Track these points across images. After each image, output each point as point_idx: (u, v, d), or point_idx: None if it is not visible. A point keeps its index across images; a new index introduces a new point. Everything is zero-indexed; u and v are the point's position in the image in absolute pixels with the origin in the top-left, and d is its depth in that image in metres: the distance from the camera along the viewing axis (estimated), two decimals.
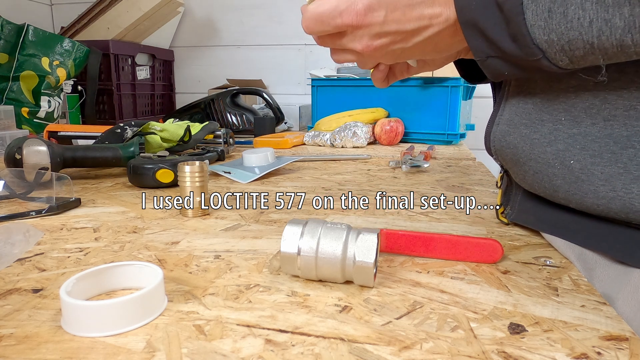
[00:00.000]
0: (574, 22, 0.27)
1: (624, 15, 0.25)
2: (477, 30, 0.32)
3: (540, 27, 0.28)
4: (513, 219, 0.43)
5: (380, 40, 0.36)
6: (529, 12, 0.29)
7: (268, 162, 0.73)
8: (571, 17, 0.27)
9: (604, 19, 0.26)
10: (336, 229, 0.30)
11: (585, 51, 0.28)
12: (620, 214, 0.31)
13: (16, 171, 0.56)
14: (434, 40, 0.36)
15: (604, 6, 0.26)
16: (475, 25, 0.32)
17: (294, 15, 1.59)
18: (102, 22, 1.36)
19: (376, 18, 0.35)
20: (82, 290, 0.28)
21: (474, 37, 0.33)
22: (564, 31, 0.28)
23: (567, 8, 0.27)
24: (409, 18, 0.35)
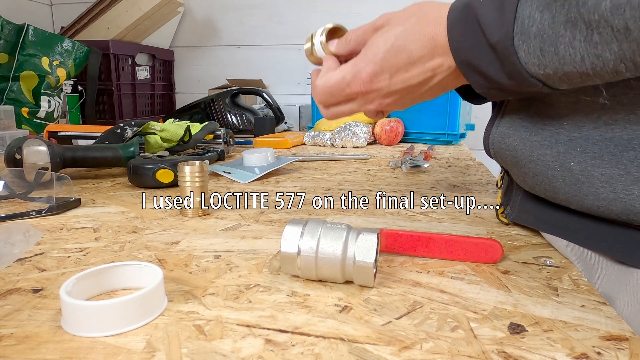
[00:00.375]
0: (566, 58, 0.28)
1: (613, 50, 0.26)
2: (473, 69, 0.33)
3: (535, 64, 0.29)
4: (513, 219, 0.43)
5: (390, 98, 0.39)
6: (521, 51, 0.29)
7: (268, 162, 0.73)
8: (563, 54, 0.28)
9: (595, 54, 0.26)
10: (336, 229, 0.30)
11: (582, 79, 0.29)
12: (621, 216, 0.31)
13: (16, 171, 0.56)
14: (441, 85, 0.37)
15: (592, 44, 0.26)
16: (470, 64, 0.33)
17: (294, 15, 1.59)
18: (102, 22, 1.36)
19: (382, 82, 0.37)
20: (82, 290, 0.28)
21: (472, 75, 0.34)
22: (558, 66, 0.28)
23: (557, 47, 0.28)
24: (412, 74, 0.36)
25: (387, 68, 0.36)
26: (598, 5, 0.25)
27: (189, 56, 1.72)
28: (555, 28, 0.27)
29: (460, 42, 0.33)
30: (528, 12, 0.29)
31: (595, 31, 0.26)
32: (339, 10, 1.56)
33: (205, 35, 1.69)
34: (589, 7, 0.25)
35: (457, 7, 0.34)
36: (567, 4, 0.26)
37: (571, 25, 0.26)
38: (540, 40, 0.28)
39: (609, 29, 0.25)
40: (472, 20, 0.32)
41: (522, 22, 0.29)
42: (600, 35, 0.25)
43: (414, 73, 0.36)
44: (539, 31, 0.28)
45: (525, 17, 0.29)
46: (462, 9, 0.33)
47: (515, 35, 0.29)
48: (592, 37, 0.26)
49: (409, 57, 0.36)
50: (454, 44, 0.34)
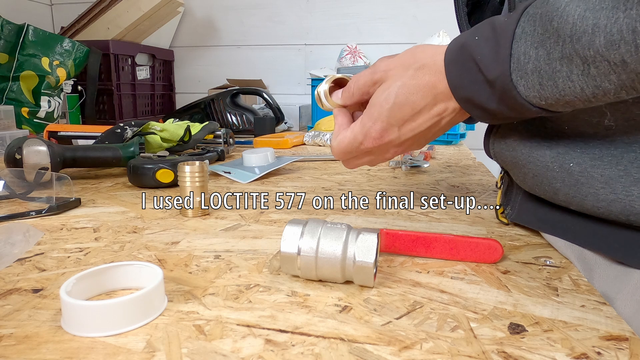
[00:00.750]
0: (566, 90, 0.28)
1: (612, 81, 0.26)
2: (474, 105, 0.34)
3: (536, 96, 0.30)
4: (513, 219, 0.43)
5: (403, 146, 0.41)
6: (520, 86, 0.30)
7: (268, 162, 0.73)
8: (562, 87, 0.28)
9: (594, 85, 0.27)
10: (336, 229, 0.30)
11: (585, 104, 0.29)
12: (621, 216, 0.31)
13: (16, 171, 0.56)
14: (450, 123, 0.38)
15: (590, 77, 0.26)
16: (470, 100, 0.34)
17: (294, 15, 1.59)
18: (102, 22, 1.36)
19: (392, 135, 0.39)
20: (82, 290, 0.28)
21: (474, 110, 0.35)
22: (559, 97, 0.29)
23: (555, 81, 0.28)
24: (419, 123, 0.38)
25: (394, 122, 0.38)
26: (592, 41, 0.25)
27: (189, 56, 1.72)
28: (551, 64, 0.28)
29: (458, 80, 0.34)
30: (523, 49, 0.29)
31: (592, 65, 0.26)
32: (339, 10, 1.56)
33: (205, 35, 1.69)
34: (584, 44, 0.25)
35: (452, 49, 0.34)
36: (561, 41, 0.27)
37: (567, 60, 0.27)
38: (538, 76, 0.29)
39: (605, 63, 0.25)
40: (469, 59, 0.32)
41: (518, 59, 0.29)
42: (598, 69, 0.26)
43: (420, 121, 0.37)
44: (535, 67, 0.29)
45: (521, 54, 0.29)
46: (457, 49, 0.34)
47: (513, 72, 0.30)
48: (590, 70, 0.26)
49: (412, 108, 0.37)
50: (453, 83, 0.34)
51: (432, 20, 1.48)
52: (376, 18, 1.53)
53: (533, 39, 0.29)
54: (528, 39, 0.29)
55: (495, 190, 0.61)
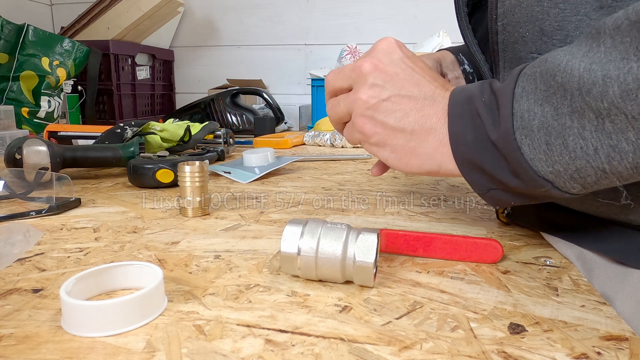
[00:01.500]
0: (577, 151, 0.25)
1: (630, 140, 0.23)
2: (474, 167, 0.31)
3: (542, 159, 0.27)
4: (514, 219, 0.43)
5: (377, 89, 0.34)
6: (524, 146, 0.27)
7: (268, 162, 0.73)
8: (573, 147, 0.25)
9: (609, 145, 0.24)
10: (336, 229, 0.30)
11: (597, 177, 0.26)
12: (620, 216, 0.31)
13: (16, 171, 0.56)
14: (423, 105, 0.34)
15: (605, 133, 0.24)
16: (471, 162, 0.31)
17: (294, 15, 1.59)
18: (102, 22, 1.36)
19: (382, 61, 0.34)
20: (82, 290, 0.28)
21: (471, 173, 0.32)
22: (568, 161, 0.26)
23: (565, 139, 0.25)
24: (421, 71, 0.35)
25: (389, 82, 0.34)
26: (605, 92, 0.23)
27: (189, 56, 1.72)
28: (560, 120, 0.25)
29: (462, 137, 0.31)
30: (526, 106, 0.27)
31: (607, 119, 0.23)
32: (339, 10, 1.56)
33: (205, 35, 1.69)
34: (595, 96, 0.23)
35: (458, 100, 0.32)
36: (570, 95, 0.24)
37: (578, 115, 0.24)
38: (545, 134, 0.26)
39: (622, 116, 0.23)
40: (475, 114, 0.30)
41: (522, 117, 0.27)
42: (614, 124, 0.23)
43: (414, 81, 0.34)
44: (542, 124, 0.26)
45: (524, 111, 0.27)
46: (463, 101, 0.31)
47: (516, 130, 0.27)
48: (604, 126, 0.24)
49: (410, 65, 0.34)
50: (454, 140, 0.31)
51: (432, 20, 1.48)
52: (376, 18, 1.53)
53: (536, 96, 0.26)
54: (530, 96, 0.27)
55: None
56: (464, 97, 0.32)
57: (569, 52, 0.25)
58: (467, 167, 0.32)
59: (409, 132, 0.34)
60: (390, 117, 0.34)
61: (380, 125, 0.34)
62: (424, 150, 0.33)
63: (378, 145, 0.35)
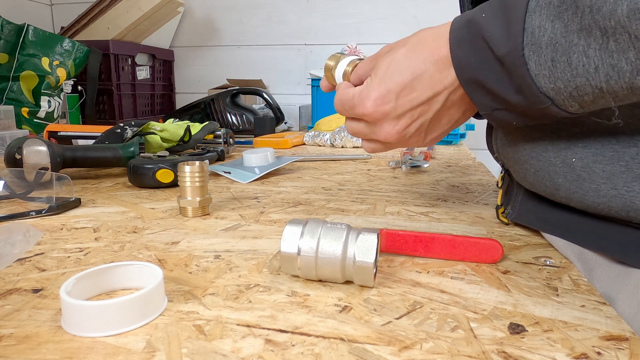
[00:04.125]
0: (579, 69, 0.26)
1: (630, 60, 0.24)
2: (479, 87, 0.32)
3: (545, 75, 0.28)
4: (514, 218, 0.43)
5: (399, 122, 0.37)
6: (531, 62, 0.28)
7: (268, 162, 0.73)
8: (576, 65, 0.26)
9: (610, 64, 0.25)
10: (336, 229, 0.30)
11: (594, 95, 0.27)
12: (621, 213, 0.31)
13: (16, 171, 0.56)
14: (448, 107, 0.36)
15: (608, 52, 0.25)
16: (476, 82, 0.32)
17: (294, 15, 1.59)
18: (102, 22, 1.36)
19: (389, 104, 0.36)
20: (82, 290, 0.28)
21: (477, 94, 0.33)
22: (570, 78, 0.27)
23: (570, 56, 0.26)
24: (420, 90, 0.35)
25: (392, 87, 0.36)
26: (614, 10, 0.23)
27: (189, 56, 1.72)
28: (568, 37, 0.26)
29: (464, 60, 0.32)
30: (538, 22, 0.27)
31: (611, 38, 0.24)
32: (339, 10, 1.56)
33: (205, 35, 1.69)
34: (604, 14, 0.24)
35: (458, 26, 0.33)
36: (580, 12, 0.25)
37: (585, 33, 0.25)
38: (552, 50, 0.27)
39: (626, 35, 0.24)
40: (477, 37, 0.31)
41: (532, 33, 0.28)
42: (617, 43, 0.24)
43: (420, 89, 0.35)
44: (550, 40, 0.27)
45: (535, 27, 0.27)
46: (463, 26, 0.32)
47: (525, 46, 0.28)
48: (608, 44, 0.24)
49: (412, 72, 0.35)
50: (457, 63, 0.33)
51: (432, 20, 1.48)
52: (376, 18, 1.53)
53: (549, 11, 0.27)
54: (543, 11, 0.27)
55: (496, 190, 0.61)
56: (464, 22, 0.32)
57: None
58: (472, 89, 0.33)
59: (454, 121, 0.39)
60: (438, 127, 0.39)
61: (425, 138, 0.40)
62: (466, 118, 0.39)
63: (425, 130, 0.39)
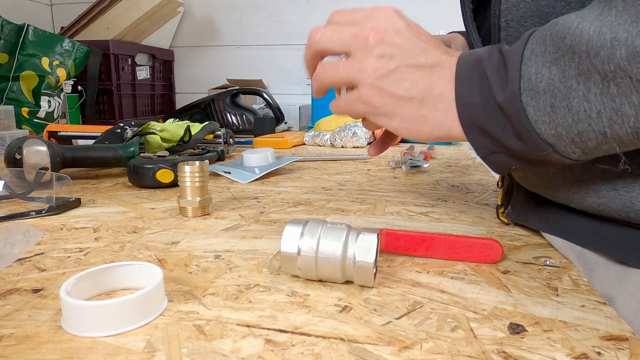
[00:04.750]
0: (580, 114, 0.26)
1: (633, 103, 0.24)
2: (479, 130, 0.32)
3: (545, 122, 0.27)
4: (514, 218, 0.43)
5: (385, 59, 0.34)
6: (530, 108, 0.28)
7: (268, 162, 0.73)
8: (576, 110, 0.26)
9: (613, 108, 0.24)
10: (336, 229, 0.30)
11: (598, 141, 0.26)
12: (621, 213, 0.31)
13: (16, 171, 0.56)
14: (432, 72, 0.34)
15: (610, 96, 0.24)
16: (476, 124, 0.31)
17: (294, 15, 1.59)
18: (102, 22, 1.36)
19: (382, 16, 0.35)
20: (82, 290, 0.28)
21: (475, 135, 0.32)
22: (571, 124, 0.26)
23: (570, 102, 0.26)
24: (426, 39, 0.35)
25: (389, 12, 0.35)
26: (612, 55, 0.23)
27: (189, 56, 1.72)
28: (566, 82, 0.26)
29: (467, 99, 0.31)
30: (534, 69, 0.27)
31: (612, 82, 0.24)
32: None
33: (205, 35, 1.69)
34: (603, 58, 0.24)
35: (466, 62, 0.32)
36: (577, 57, 0.25)
37: (584, 77, 0.25)
38: (551, 96, 0.26)
39: (627, 79, 0.23)
40: (483, 77, 0.30)
41: (529, 79, 0.27)
42: (618, 87, 0.24)
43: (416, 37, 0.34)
44: (549, 86, 0.26)
45: (532, 73, 0.27)
46: (471, 64, 0.32)
47: (523, 92, 0.28)
48: (609, 89, 0.24)
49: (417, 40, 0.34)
50: (460, 100, 0.32)
51: (432, 20, 1.48)
52: None
53: (545, 58, 0.27)
54: (539, 58, 0.27)
55: (496, 190, 0.61)
56: (472, 60, 0.32)
57: (580, 16, 0.26)
58: (471, 130, 0.32)
59: (418, 101, 0.34)
60: (400, 87, 0.34)
61: (389, 95, 0.34)
62: (434, 118, 0.34)
63: (387, 115, 0.35)
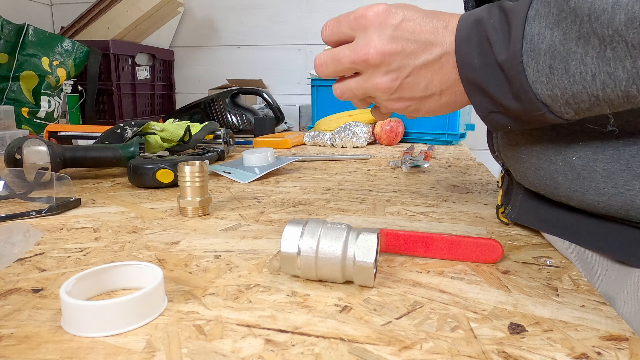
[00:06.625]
0: (576, 76, 0.27)
1: (626, 68, 0.25)
2: (478, 89, 0.33)
3: (542, 82, 0.28)
4: (514, 218, 0.43)
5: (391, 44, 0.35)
6: (529, 69, 0.28)
7: (268, 162, 0.73)
8: (573, 72, 0.27)
9: (607, 72, 0.25)
10: (336, 229, 0.30)
11: (590, 103, 0.27)
12: (621, 212, 0.31)
13: (16, 171, 0.56)
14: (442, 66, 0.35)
15: (605, 60, 0.25)
16: (476, 84, 0.33)
17: (294, 15, 1.59)
18: (102, 22, 1.36)
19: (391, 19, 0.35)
20: (82, 290, 0.28)
21: (475, 94, 0.33)
22: (567, 85, 0.27)
23: (567, 64, 0.27)
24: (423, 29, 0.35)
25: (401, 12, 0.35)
26: (612, 19, 0.24)
27: (189, 56, 1.72)
28: (566, 44, 0.26)
29: (468, 60, 0.32)
30: (537, 30, 0.28)
31: (609, 47, 0.25)
32: (339, 10, 1.56)
33: (205, 35, 1.69)
34: (603, 22, 0.24)
35: (465, 24, 0.33)
36: (579, 20, 0.26)
37: (584, 41, 0.26)
38: (550, 57, 0.27)
39: (623, 43, 0.24)
40: (483, 38, 0.31)
41: (531, 40, 0.28)
42: (614, 51, 0.25)
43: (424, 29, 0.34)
44: (549, 48, 0.27)
45: (535, 34, 0.28)
46: (471, 25, 0.32)
47: (524, 52, 0.28)
48: (606, 53, 0.25)
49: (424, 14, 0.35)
50: (461, 61, 0.33)
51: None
52: None
53: (548, 19, 0.27)
54: (542, 20, 0.28)
55: (496, 190, 0.61)
56: (472, 21, 0.33)
57: None
58: (472, 89, 0.33)
59: (437, 94, 0.37)
60: (417, 90, 0.37)
61: (409, 99, 0.38)
62: (455, 100, 0.37)
63: (413, 112, 0.39)
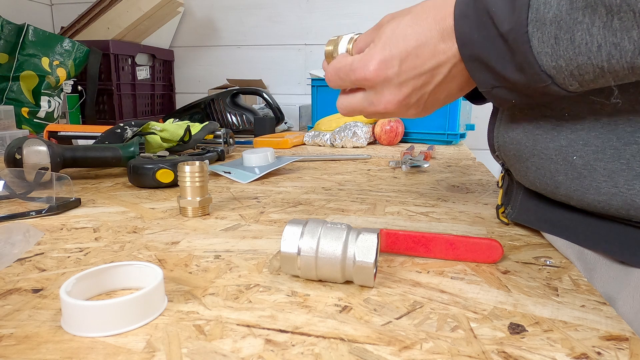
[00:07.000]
0: (581, 47, 0.26)
1: (632, 39, 0.24)
2: (481, 64, 0.32)
3: (547, 53, 0.28)
4: (514, 218, 0.43)
5: (401, 90, 0.37)
6: (534, 39, 0.28)
7: (268, 162, 0.73)
8: (578, 43, 0.26)
9: (613, 42, 0.25)
10: (336, 229, 0.30)
11: (595, 75, 0.27)
12: (621, 211, 0.31)
13: (16, 171, 0.56)
14: (454, 76, 0.36)
15: (612, 30, 0.25)
16: (478, 59, 0.32)
17: (294, 15, 1.59)
18: (102, 22, 1.36)
19: (391, 69, 0.36)
20: (82, 290, 0.28)
21: (478, 70, 0.33)
22: (572, 56, 0.27)
23: (573, 34, 0.26)
24: (423, 58, 0.35)
25: (396, 53, 0.35)
26: None
27: (189, 56, 1.72)
28: (573, 14, 0.26)
29: (468, 35, 0.32)
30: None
31: (615, 16, 0.24)
32: (339, 10, 1.56)
33: (205, 35, 1.69)
34: None
35: (464, 1, 0.33)
36: None
37: (590, 10, 0.25)
38: (556, 27, 0.27)
39: (630, 13, 0.24)
40: (482, 11, 0.31)
41: (537, 9, 0.27)
42: (621, 21, 0.24)
43: (424, 57, 0.35)
44: (555, 17, 0.27)
45: (541, 3, 0.27)
46: (469, 1, 0.32)
47: (530, 22, 0.28)
48: (612, 22, 0.25)
49: (417, 39, 0.35)
50: (460, 38, 0.33)
51: None
52: (376, 18, 1.53)
53: None
54: None
55: (496, 190, 0.61)
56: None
57: None
58: (474, 66, 0.33)
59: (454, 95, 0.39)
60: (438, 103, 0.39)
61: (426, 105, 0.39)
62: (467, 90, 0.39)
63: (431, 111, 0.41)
